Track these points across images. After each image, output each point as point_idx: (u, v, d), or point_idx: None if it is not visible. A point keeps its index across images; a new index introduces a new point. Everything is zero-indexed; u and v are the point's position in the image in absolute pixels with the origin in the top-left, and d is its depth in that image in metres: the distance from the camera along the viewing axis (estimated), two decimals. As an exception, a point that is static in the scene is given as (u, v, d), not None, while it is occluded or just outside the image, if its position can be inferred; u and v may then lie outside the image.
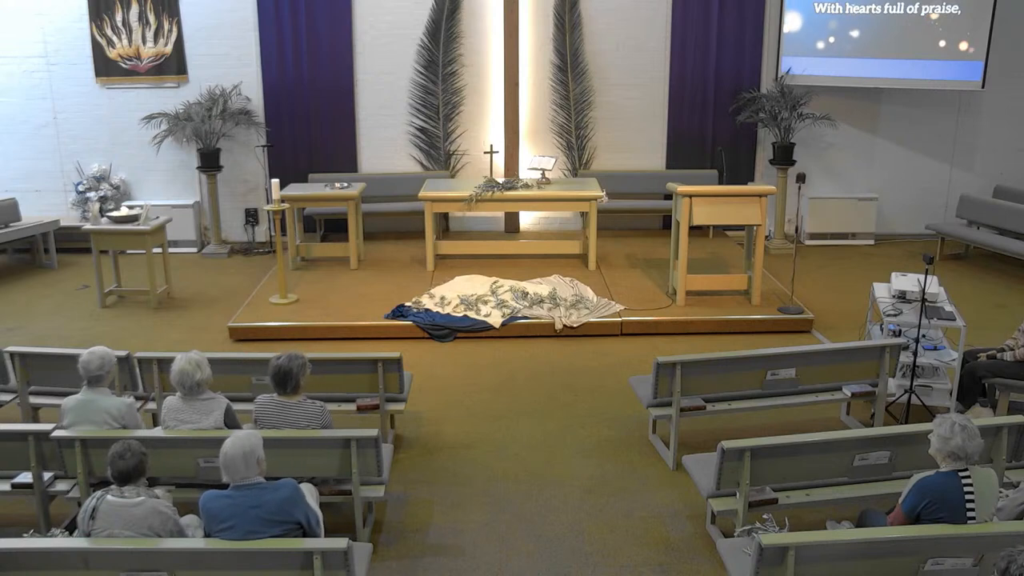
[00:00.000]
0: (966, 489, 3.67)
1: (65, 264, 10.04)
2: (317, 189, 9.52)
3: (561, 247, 9.82)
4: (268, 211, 9.62)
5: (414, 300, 8.17)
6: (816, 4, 10.19)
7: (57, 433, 4.48)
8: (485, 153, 10.58)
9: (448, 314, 7.89)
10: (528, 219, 11.01)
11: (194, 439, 4.45)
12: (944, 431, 3.70)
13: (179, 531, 3.76)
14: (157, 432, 4.58)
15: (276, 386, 4.55)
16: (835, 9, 10.15)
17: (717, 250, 9.96)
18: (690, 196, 7.96)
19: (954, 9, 9.81)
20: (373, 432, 4.48)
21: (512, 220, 10.87)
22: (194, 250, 10.60)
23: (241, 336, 7.72)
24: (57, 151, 10.59)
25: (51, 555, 3.61)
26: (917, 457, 4.46)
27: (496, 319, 7.79)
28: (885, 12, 10.02)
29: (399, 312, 7.93)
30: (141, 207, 8.92)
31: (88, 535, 3.65)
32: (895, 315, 6.06)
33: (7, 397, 5.85)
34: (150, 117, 10.22)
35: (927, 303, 5.91)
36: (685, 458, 4.97)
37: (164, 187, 10.75)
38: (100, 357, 4.60)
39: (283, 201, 8.40)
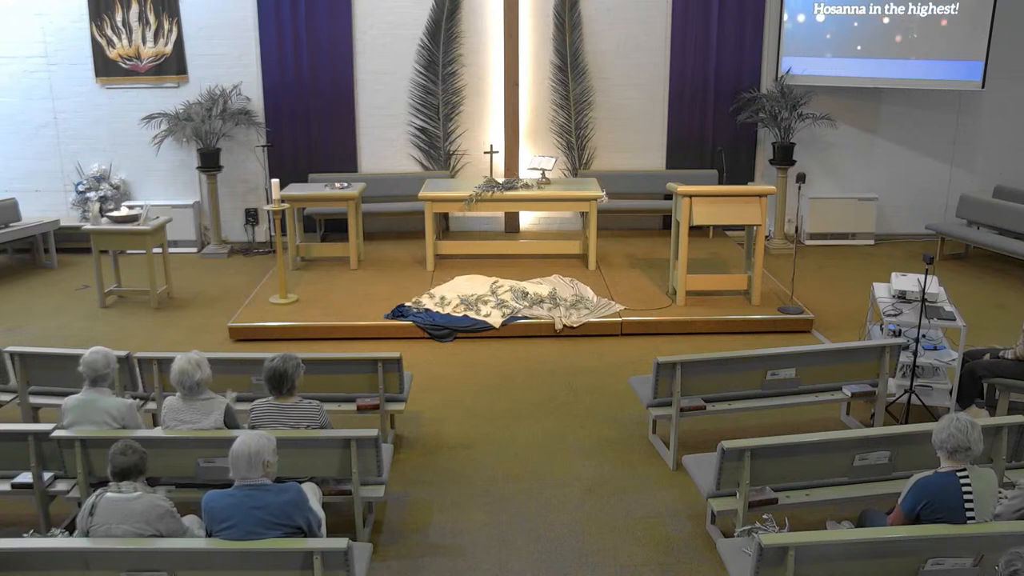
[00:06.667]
0: (964, 489, 3.67)
1: (65, 264, 10.04)
2: (317, 189, 9.52)
3: (561, 247, 9.82)
4: (268, 211, 9.63)
5: (414, 300, 8.17)
6: (816, 4, 10.19)
7: (57, 433, 4.48)
8: (485, 153, 10.58)
9: (448, 314, 7.89)
10: (528, 219, 11.01)
11: (194, 439, 4.45)
12: (949, 427, 3.70)
13: (178, 525, 3.77)
14: (157, 432, 4.59)
15: (271, 388, 4.55)
16: (835, 9, 10.14)
17: (717, 250, 9.96)
18: (690, 196, 7.96)
19: (954, 9, 9.81)
20: (373, 432, 4.48)
21: (512, 220, 10.87)
22: (194, 250, 10.60)
23: (241, 336, 7.72)
24: (57, 151, 10.59)
25: (51, 555, 3.61)
26: (917, 457, 4.47)
27: (496, 319, 7.79)
28: (885, 12, 10.02)
29: (399, 312, 7.93)
30: (141, 207, 8.93)
31: (87, 533, 3.66)
32: (895, 315, 6.06)
33: (7, 397, 5.85)
34: (150, 117, 10.22)
35: (927, 303, 5.91)
36: (685, 458, 4.97)
37: (164, 187, 10.75)
38: (96, 361, 4.58)
39: (283, 201, 8.40)
